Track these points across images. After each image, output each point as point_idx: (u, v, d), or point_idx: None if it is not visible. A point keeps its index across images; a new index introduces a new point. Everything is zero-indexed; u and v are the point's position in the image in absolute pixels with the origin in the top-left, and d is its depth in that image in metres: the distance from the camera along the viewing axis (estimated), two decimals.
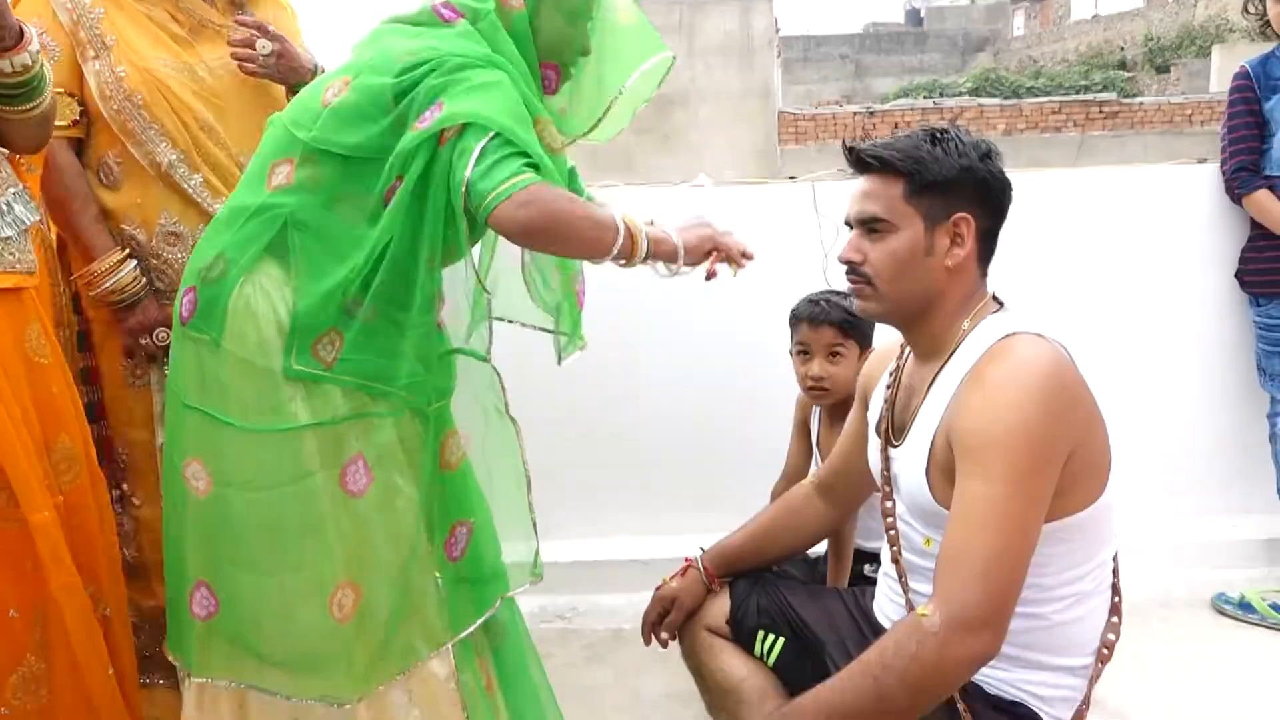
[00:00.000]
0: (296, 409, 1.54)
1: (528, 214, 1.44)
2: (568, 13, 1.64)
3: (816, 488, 1.78)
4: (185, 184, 1.90)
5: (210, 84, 1.94)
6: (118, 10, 1.89)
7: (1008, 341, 1.36)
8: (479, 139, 1.45)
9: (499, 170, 1.44)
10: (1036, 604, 1.36)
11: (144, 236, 1.93)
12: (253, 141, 1.90)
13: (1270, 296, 2.55)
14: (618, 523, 2.79)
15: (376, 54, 1.58)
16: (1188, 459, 2.79)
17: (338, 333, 1.56)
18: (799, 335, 2.10)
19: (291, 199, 1.56)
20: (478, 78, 1.50)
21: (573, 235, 1.51)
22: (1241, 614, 2.46)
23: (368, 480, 1.59)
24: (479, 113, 1.46)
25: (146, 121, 1.88)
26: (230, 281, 1.55)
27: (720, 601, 1.73)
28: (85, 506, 1.68)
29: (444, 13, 1.61)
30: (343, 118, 1.54)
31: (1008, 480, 1.27)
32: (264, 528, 1.56)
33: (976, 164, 1.41)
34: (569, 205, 1.50)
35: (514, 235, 1.49)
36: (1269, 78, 2.51)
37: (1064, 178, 2.94)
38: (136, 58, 1.88)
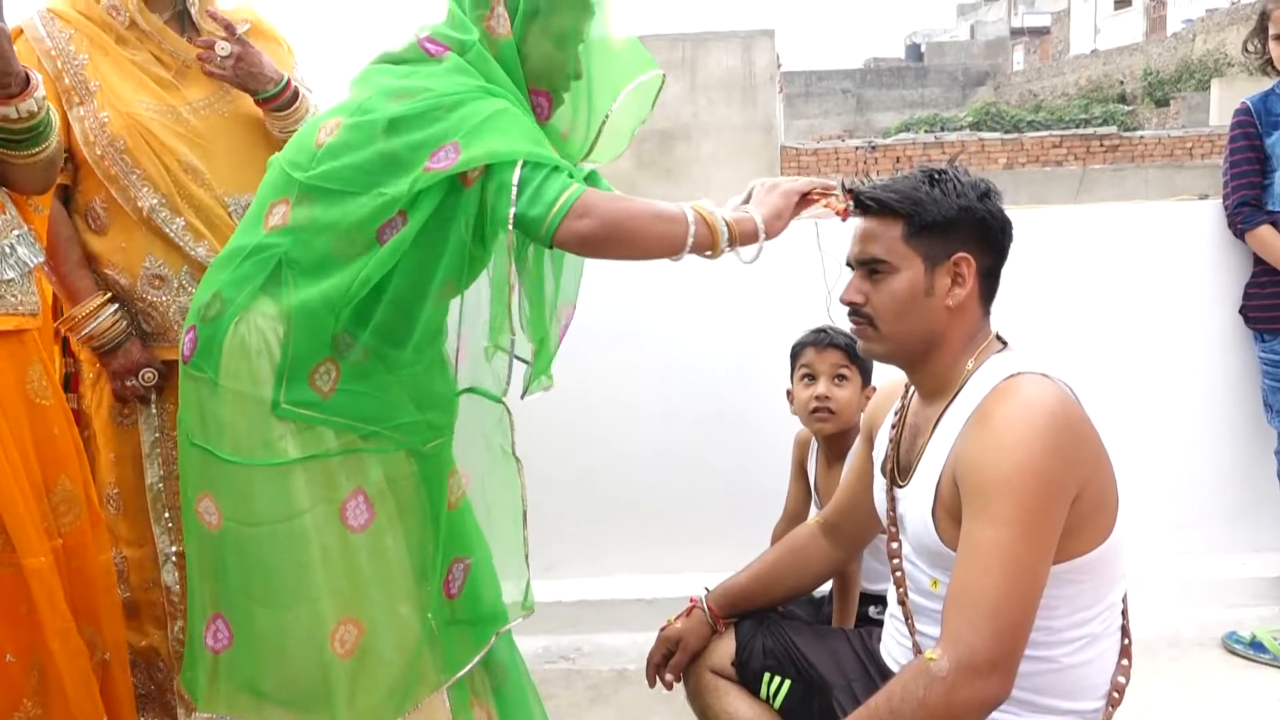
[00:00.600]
0: (286, 445, 1.54)
1: (588, 224, 1.44)
2: (556, 37, 1.62)
3: (822, 527, 1.77)
4: (167, 228, 1.89)
5: (195, 125, 1.93)
6: (102, 56, 1.89)
7: (1012, 381, 1.36)
8: (511, 171, 1.45)
9: (546, 191, 1.44)
10: (1046, 647, 1.35)
11: (127, 281, 1.92)
12: (241, 180, 1.94)
13: (1275, 332, 2.55)
14: (621, 561, 2.77)
15: (368, 94, 1.58)
16: (1195, 496, 2.77)
17: (334, 363, 1.56)
18: (803, 360, 2.10)
19: (287, 239, 1.56)
20: (483, 110, 1.50)
21: (642, 234, 1.49)
22: (1253, 653, 2.43)
23: (369, 516, 1.58)
24: (499, 150, 1.46)
25: (129, 166, 1.87)
26: (226, 320, 1.56)
27: (725, 642, 1.71)
28: (85, 548, 1.67)
29: (430, 48, 1.61)
30: (337, 157, 1.55)
31: (1015, 521, 1.26)
32: (264, 563, 1.57)
33: (975, 204, 1.42)
34: (628, 205, 1.49)
35: (580, 248, 1.49)
36: (1270, 114, 2.52)
37: (1066, 215, 2.95)
38: (119, 102, 1.87)
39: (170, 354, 1.91)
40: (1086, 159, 14.62)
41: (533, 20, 1.60)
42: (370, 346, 1.57)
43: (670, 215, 1.49)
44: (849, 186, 1.47)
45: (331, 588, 1.55)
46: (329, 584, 1.55)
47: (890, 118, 25.95)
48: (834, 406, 2.03)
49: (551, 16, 1.60)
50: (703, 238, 1.49)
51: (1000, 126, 17.96)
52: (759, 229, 1.52)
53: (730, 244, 1.51)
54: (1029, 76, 31.34)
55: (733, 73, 12.60)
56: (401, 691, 1.61)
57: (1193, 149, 14.71)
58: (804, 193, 1.57)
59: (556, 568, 2.76)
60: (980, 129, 17.52)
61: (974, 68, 32.66)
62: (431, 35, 1.62)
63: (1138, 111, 22.29)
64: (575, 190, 1.45)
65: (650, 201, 1.52)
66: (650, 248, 1.53)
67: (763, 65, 12.78)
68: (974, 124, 18.70)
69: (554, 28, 1.61)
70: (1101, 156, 14.65)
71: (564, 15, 1.61)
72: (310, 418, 1.55)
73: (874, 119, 27.38)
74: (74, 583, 1.63)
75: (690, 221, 1.49)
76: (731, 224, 1.51)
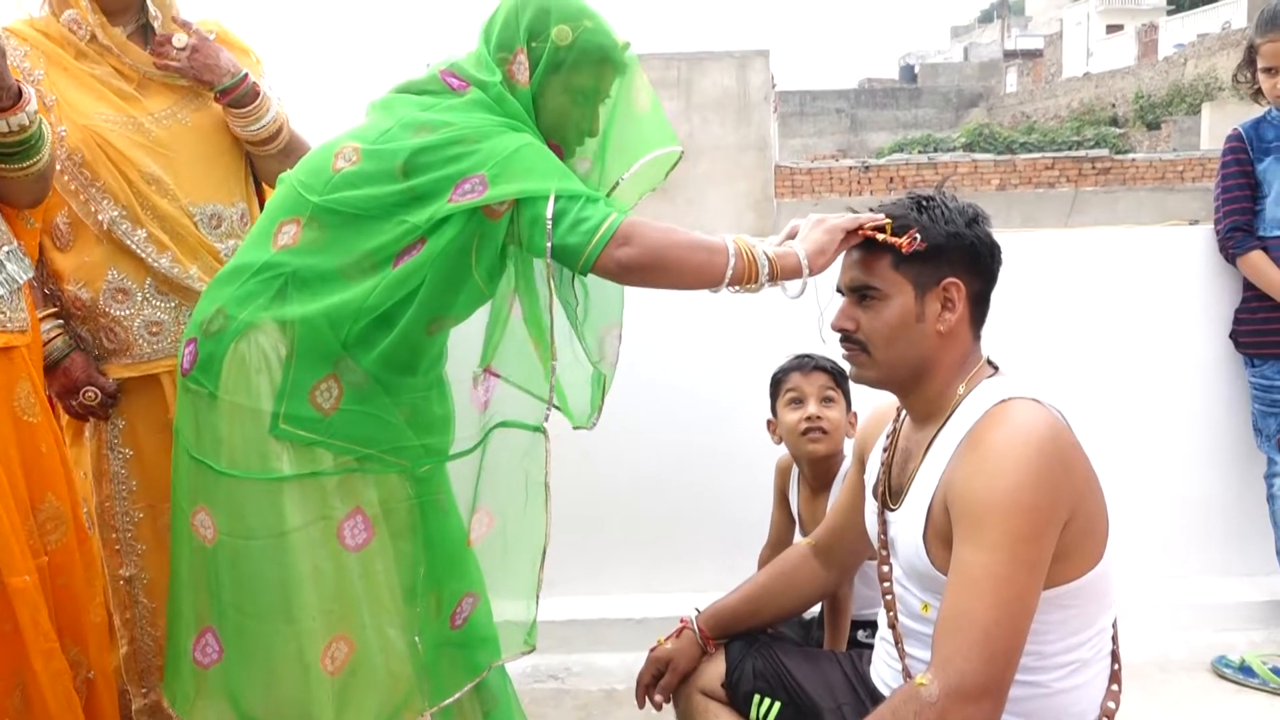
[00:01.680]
0: (282, 463, 1.55)
1: (630, 252, 1.45)
2: (574, 94, 1.63)
3: (813, 549, 1.76)
4: (129, 240, 1.87)
5: (157, 134, 1.91)
6: (59, 71, 1.88)
7: (1003, 406, 1.36)
8: (544, 205, 1.46)
9: (584, 221, 1.46)
10: (1036, 672, 1.35)
11: (89, 295, 1.89)
12: (205, 189, 1.93)
13: (1265, 357, 2.56)
14: (612, 580, 2.76)
15: (389, 124, 1.58)
16: (1185, 520, 2.78)
17: (336, 381, 1.57)
18: (789, 385, 2.10)
19: (295, 260, 1.57)
20: (509, 144, 1.51)
21: (680, 264, 1.49)
22: (1242, 678, 2.43)
23: (367, 535, 1.58)
24: (530, 186, 1.47)
25: (87, 180, 1.85)
26: (229, 336, 1.56)
27: (715, 664, 1.71)
28: (71, 566, 1.66)
29: (452, 81, 1.62)
30: (354, 184, 1.55)
31: (1005, 547, 1.26)
32: (256, 577, 1.57)
33: (963, 229, 1.42)
34: (669, 234, 1.49)
35: (620, 275, 1.50)
36: (1261, 140, 2.55)
37: (1057, 239, 2.96)
38: (77, 115, 1.85)
39: (129, 371, 1.90)
40: (1079, 181, 14.71)
41: (553, 74, 1.60)
42: (372, 372, 1.57)
43: (711, 246, 1.49)
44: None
45: (323, 606, 1.55)
46: (320, 602, 1.55)
47: (884, 138, 26.08)
48: (826, 426, 2.03)
49: (573, 73, 1.61)
50: (742, 270, 1.49)
51: (993, 148, 18.07)
52: (801, 264, 1.50)
53: (771, 278, 1.50)
54: (1022, 98, 31.58)
55: (728, 92, 12.65)
56: (388, 714, 1.60)
57: (1184, 172, 14.82)
58: (851, 229, 1.52)
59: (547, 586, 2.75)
60: (973, 150, 17.61)
61: (967, 89, 32.89)
62: (453, 70, 1.63)
63: (1129, 134, 22.46)
64: (617, 218, 1.46)
65: (691, 232, 1.53)
66: (689, 278, 1.53)
67: (757, 85, 12.83)
68: (967, 145, 18.80)
69: (574, 85, 1.62)
70: (1093, 179, 14.74)
71: (585, 74, 1.62)
72: (307, 439, 1.55)
73: (868, 139, 27.53)
74: (59, 601, 1.62)
75: (731, 253, 1.48)
76: (773, 258, 1.50)
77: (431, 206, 1.50)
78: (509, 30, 1.61)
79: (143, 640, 1.97)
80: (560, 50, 1.59)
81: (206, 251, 1.92)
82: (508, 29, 1.61)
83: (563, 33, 1.59)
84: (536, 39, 1.59)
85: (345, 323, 1.54)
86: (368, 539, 1.58)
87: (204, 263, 1.91)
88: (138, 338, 1.90)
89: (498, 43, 1.62)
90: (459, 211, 1.49)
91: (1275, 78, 2.48)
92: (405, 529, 1.65)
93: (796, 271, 1.50)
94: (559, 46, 1.59)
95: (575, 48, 1.59)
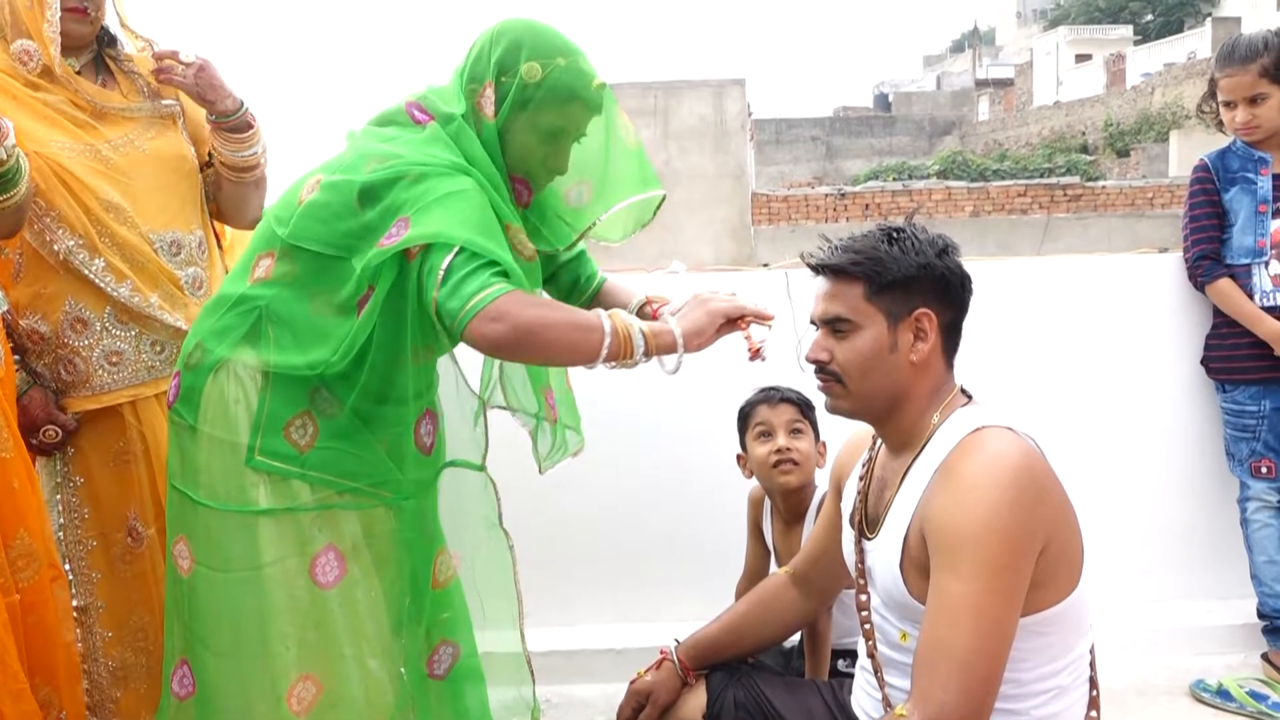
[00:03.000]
0: (258, 495, 1.54)
1: (499, 329, 1.42)
2: (543, 132, 1.60)
3: (792, 578, 1.77)
4: (86, 269, 1.83)
5: (116, 162, 1.89)
6: (8, 99, 1.84)
7: (977, 435, 1.37)
8: (443, 256, 1.44)
9: (466, 285, 1.42)
10: (1015, 699, 1.35)
11: (47, 328, 1.85)
12: (164, 217, 1.92)
13: (1236, 383, 2.59)
14: (592, 611, 2.75)
15: (351, 156, 1.59)
16: (1161, 545, 2.79)
17: (310, 418, 1.56)
18: (757, 419, 2.10)
19: (269, 292, 1.57)
20: (441, 188, 1.48)
21: (553, 343, 1.47)
22: (1220, 702, 2.44)
23: (339, 573, 1.57)
24: (440, 231, 1.45)
25: (41, 209, 1.81)
26: (206, 369, 1.57)
27: (696, 695, 1.70)
28: (43, 604, 1.64)
29: (415, 114, 1.61)
30: (314, 216, 1.55)
31: (982, 577, 1.27)
32: (229, 610, 1.56)
33: (934, 260, 1.44)
34: (543, 312, 1.48)
35: (489, 350, 1.47)
36: (1227, 170, 2.59)
37: (1030, 267, 3.00)
38: (31, 143, 1.81)
39: (88, 404, 1.87)
40: (1051, 208, 14.90)
41: (520, 110, 1.58)
42: (357, 407, 1.56)
43: (587, 324, 1.48)
44: (809, 262, 1.48)
45: (296, 640, 1.54)
46: (294, 637, 1.54)
47: (859, 165, 26.38)
48: (796, 457, 2.04)
49: (539, 111, 1.58)
50: (617, 348, 1.48)
51: (966, 175, 18.30)
52: (677, 342, 1.52)
53: (646, 355, 1.50)
54: (994, 126, 32.04)
55: (705, 120, 12.76)
56: None
57: (1153, 198, 15.04)
58: (731, 316, 1.58)
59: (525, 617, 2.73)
60: (947, 177, 17.83)
61: (940, 117, 33.34)
62: (420, 101, 1.62)
63: (1099, 161, 22.83)
64: (494, 291, 1.42)
65: (570, 309, 1.52)
66: (562, 357, 1.53)
67: (734, 113, 12.95)
68: (941, 172, 19.03)
69: (541, 123, 1.59)
70: (1065, 205, 14.93)
71: (552, 113, 1.59)
72: (284, 471, 1.55)
73: (843, 166, 27.82)
74: (31, 640, 1.60)
75: (607, 332, 1.47)
76: (649, 335, 1.50)
77: (367, 251, 1.49)
78: (481, 62, 1.60)
79: (97, 673, 1.92)
80: (528, 88, 1.57)
81: (167, 279, 1.91)
82: (480, 61, 1.60)
83: (532, 70, 1.56)
84: (506, 74, 1.58)
85: (319, 365, 1.54)
86: (340, 575, 1.56)
87: (164, 290, 1.90)
88: (97, 368, 1.87)
89: (470, 73, 1.61)
90: (389, 257, 1.47)
91: (1234, 110, 2.53)
92: (390, 560, 1.63)
93: (671, 349, 1.52)
94: (527, 83, 1.56)
95: (543, 86, 1.57)
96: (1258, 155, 2.54)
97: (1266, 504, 2.57)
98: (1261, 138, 2.53)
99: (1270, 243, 2.51)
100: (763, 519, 2.22)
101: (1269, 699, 2.42)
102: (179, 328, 1.88)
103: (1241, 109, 2.51)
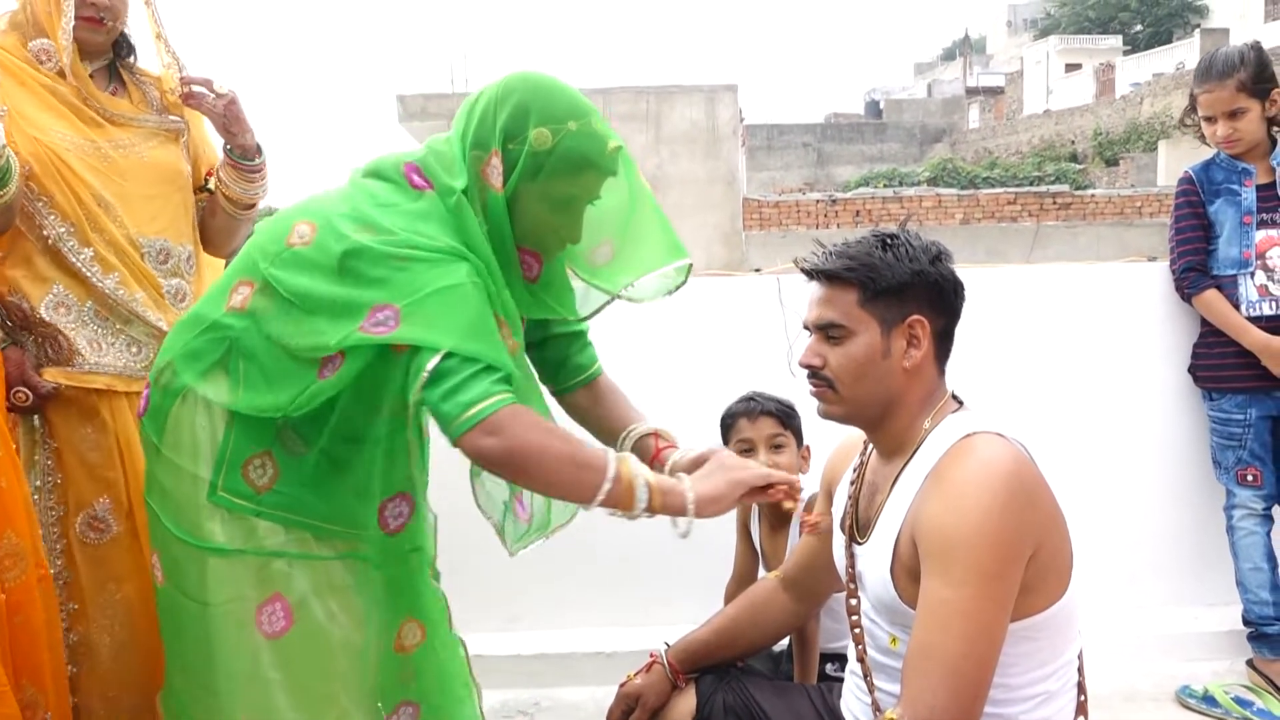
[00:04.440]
0: (214, 530, 1.49)
1: (494, 444, 1.34)
2: (554, 202, 1.50)
3: (782, 582, 1.77)
4: (74, 257, 1.84)
5: (115, 161, 1.91)
6: (14, 82, 1.85)
7: (968, 441, 1.38)
8: (431, 358, 1.35)
9: (464, 392, 1.35)
10: (1004, 705, 1.36)
11: (28, 307, 1.84)
12: (156, 224, 1.93)
13: (1223, 391, 2.61)
14: (581, 614, 2.75)
15: (344, 209, 1.47)
16: (1148, 552, 2.81)
17: (270, 457, 1.49)
18: (737, 434, 2.10)
19: (242, 323, 1.50)
20: (434, 281, 1.38)
21: (546, 475, 1.39)
22: (1206, 708, 2.46)
23: (285, 624, 1.50)
24: (429, 336, 1.36)
25: (34, 193, 1.82)
26: (175, 392, 1.52)
27: (686, 699, 1.70)
28: (29, 604, 1.62)
29: (414, 178, 1.49)
30: (298, 266, 1.45)
31: (972, 582, 1.27)
32: (186, 637, 1.53)
33: (927, 267, 1.45)
34: (545, 440, 1.38)
35: (480, 462, 1.40)
36: (1211, 182, 2.62)
37: (1020, 275, 3.02)
38: (32, 128, 1.83)
39: (67, 379, 1.84)
40: (1040, 215, 14.96)
41: (530, 180, 1.47)
42: (326, 449, 1.49)
43: (589, 463, 1.38)
44: (803, 267, 1.48)
45: (242, 680, 1.49)
46: (240, 676, 1.49)
47: (850, 171, 26.43)
48: None
49: (551, 180, 1.48)
50: (617, 497, 1.38)
51: (957, 182, 18.37)
52: (688, 508, 1.41)
53: (648, 512, 1.40)
54: (984, 134, 32.19)
55: (696, 126, 12.77)
56: None
57: (1142, 207, 15.13)
58: (758, 486, 1.48)
59: (516, 620, 2.73)
60: (937, 184, 17.89)
61: (931, 125, 33.46)
62: (419, 165, 1.51)
63: (1089, 170, 22.95)
64: (494, 403, 1.34)
65: (574, 441, 1.41)
66: (554, 489, 1.44)
67: (726, 119, 12.97)
68: (931, 179, 19.10)
69: (554, 192, 1.49)
70: (1055, 213, 15.00)
71: (564, 182, 1.49)
72: (241, 508, 1.48)
73: (834, 172, 27.88)
74: (16, 640, 1.58)
75: (608, 478, 1.38)
76: (655, 492, 1.40)
77: (345, 327, 1.39)
78: (485, 127, 1.48)
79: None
80: (538, 155, 1.46)
81: (150, 284, 1.91)
82: (484, 125, 1.48)
83: (542, 136, 1.45)
84: (513, 141, 1.47)
85: (283, 408, 1.46)
86: (285, 628, 1.49)
87: (149, 293, 1.90)
88: (80, 349, 1.85)
89: (473, 139, 1.49)
90: (367, 342, 1.39)
91: (1214, 125, 2.56)
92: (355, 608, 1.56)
93: (680, 512, 1.41)
94: (536, 151, 1.46)
95: (555, 153, 1.46)
96: (1241, 167, 2.57)
97: (1252, 512, 2.59)
98: (1243, 150, 2.56)
99: (1255, 253, 2.54)
100: (750, 521, 2.23)
101: (1254, 705, 2.44)
102: (160, 328, 1.88)
103: (1222, 124, 2.54)
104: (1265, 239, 2.54)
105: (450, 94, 13.28)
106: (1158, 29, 41.12)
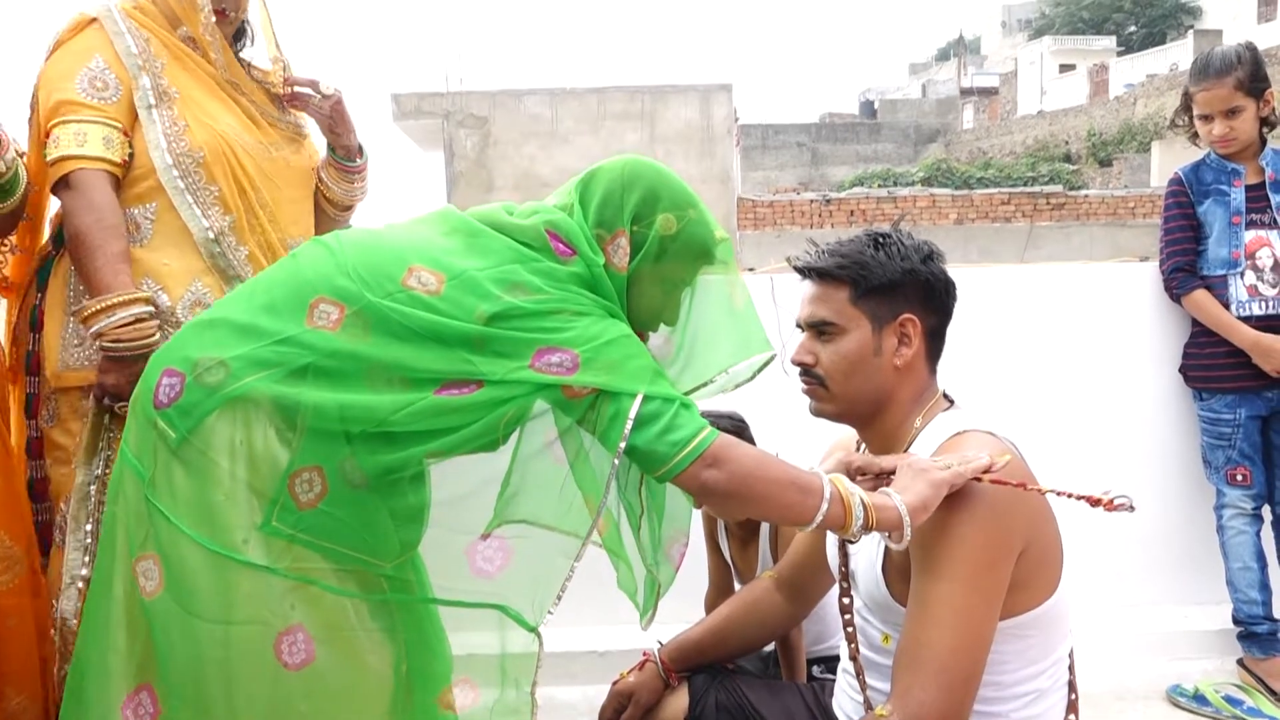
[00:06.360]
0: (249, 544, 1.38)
1: (717, 476, 1.36)
2: (667, 283, 1.56)
3: (776, 582, 1.78)
4: (231, 253, 1.80)
5: (276, 162, 1.91)
6: (180, 68, 1.83)
7: (959, 439, 1.39)
8: (630, 403, 1.37)
9: (676, 431, 1.37)
10: (994, 702, 1.37)
11: (167, 300, 1.76)
12: (299, 228, 1.95)
13: (1213, 391, 2.63)
14: (574, 612, 2.73)
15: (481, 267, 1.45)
16: (1139, 551, 2.82)
17: (320, 475, 1.40)
18: None
19: (327, 346, 1.40)
20: (609, 331, 1.42)
21: (768, 500, 1.39)
22: (1196, 706, 2.47)
23: (306, 657, 1.41)
24: (621, 383, 1.38)
25: (201, 181, 1.78)
26: (226, 393, 1.40)
27: (679, 697, 1.71)
28: (21, 610, 1.60)
29: (558, 245, 1.49)
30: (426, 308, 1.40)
31: (962, 578, 1.28)
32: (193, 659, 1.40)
33: (919, 266, 1.45)
34: (764, 465, 1.40)
35: (700, 495, 1.42)
36: (1200, 183, 2.63)
37: (1012, 274, 3.02)
38: (205, 116, 1.81)
39: None
40: (1034, 216, 15.02)
41: (654, 262, 1.52)
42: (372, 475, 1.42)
43: (806, 485, 1.37)
44: (796, 265, 1.49)
45: (264, 709, 1.41)
46: (262, 702, 1.41)
47: (844, 171, 26.48)
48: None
49: (671, 264, 1.53)
50: (834, 517, 1.37)
51: (951, 183, 18.42)
52: (903, 521, 1.36)
53: (865, 528, 1.37)
54: (978, 134, 32.24)
55: (691, 125, 12.80)
56: None
57: (1135, 208, 15.19)
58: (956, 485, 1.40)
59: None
60: (931, 184, 17.94)
61: (925, 125, 33.51)
62: (557, 231, 1.50)
63: (1082, 171, 23.03)
64: (708, 435, 1.37)
65: (788, 465, 1.41)
66: (773, 514, 1.48)
67: (720, 118, 13.01)
68: (926, 180, 19.15)
69: (668, 275, 1.55)
70: (1048, 214, 15.06)
71: (682, 266, 1.55)
72: (279, 531, 1.39)
73: (829, 172, 27.91)
74: (6, 646, 1.57)
75: (826, 498, 1.36)
76: (870, 509, 1.36)
77: (508, 364, 1.38)
78: (611, 208, 1.51)
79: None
80: (665, 240, 1.51)
81: None
82: (609, 205, 1.51)
83: (668, 221, 1.51)
84: (640, 223, 1.51)
85: (357, 423, 1.39)
86: (306, 660, 1.41)
87: None
88: None
89: (597, 218, 1.51)
90: (534, 380, 1.38)
91: (1210, 124, 2.57)
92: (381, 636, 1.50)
93: (895, 526, 1.37)
94: (664, 236, 1.51)
95: (679, 239, 1.52)
96: (1231, 167, 2.58)
97: (1241, 511, 2.60)
98: (1237, 149, 2.57)
99: (1245, 253, 2.55)
100: (718, 533, 2.19)
101: (1244, 704, 2.45)
102: None
103: (1219, 122, 2.55)
104: (1254, 239, 2.55)
105: (444, 93, 13.27)
106: (1151, 30, 41.29)
